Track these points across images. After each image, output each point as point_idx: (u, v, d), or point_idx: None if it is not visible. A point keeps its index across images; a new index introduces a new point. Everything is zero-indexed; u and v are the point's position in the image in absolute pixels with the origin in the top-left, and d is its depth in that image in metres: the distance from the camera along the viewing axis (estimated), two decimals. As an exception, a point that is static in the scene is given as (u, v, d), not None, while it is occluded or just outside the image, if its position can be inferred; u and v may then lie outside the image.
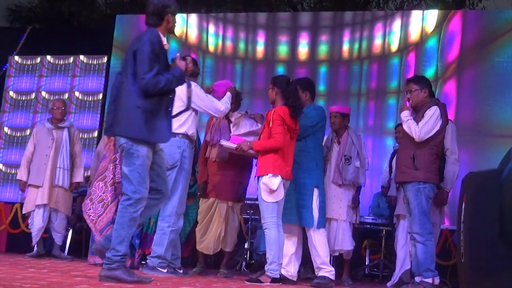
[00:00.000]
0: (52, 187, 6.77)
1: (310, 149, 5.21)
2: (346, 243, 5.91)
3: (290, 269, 5.20)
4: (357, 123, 8.88)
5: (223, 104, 5.43)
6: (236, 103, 5.93)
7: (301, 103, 5.10)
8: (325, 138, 5.81)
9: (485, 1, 14.19)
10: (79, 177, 6.92)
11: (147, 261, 5.18)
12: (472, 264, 2.74)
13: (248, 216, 7.48)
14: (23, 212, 7.00)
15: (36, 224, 6.71)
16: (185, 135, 5.21)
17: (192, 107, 5.29)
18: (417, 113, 5.03)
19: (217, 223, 5.82)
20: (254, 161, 5.95)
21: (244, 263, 7.29)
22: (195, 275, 5.50)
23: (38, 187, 6.75)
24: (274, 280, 4.81)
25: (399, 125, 6.89)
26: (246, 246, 7.36)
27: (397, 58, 9.21)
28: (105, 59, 10.13)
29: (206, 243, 5.78)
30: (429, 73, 8.74)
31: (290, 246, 5.18)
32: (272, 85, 5.13)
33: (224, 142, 5.36)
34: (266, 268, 4.85)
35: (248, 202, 7.08)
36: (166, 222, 5.14)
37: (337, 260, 6.34)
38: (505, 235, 2.65)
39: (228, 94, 5.58)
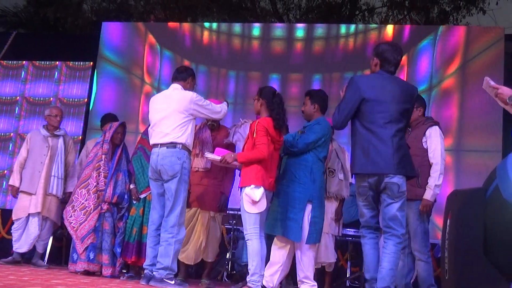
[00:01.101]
0: (46, 195, 6.70)
1: (308, 163, 5.11)
2: (328, 256, 5.93)
3: (274, 279, 5.16)
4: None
5: (221, 107, 5.51)
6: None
7: (285, 116, 5.10)
8: None
9: (468, 18, 14.41)
10: (72, 187, 6.85)
11: (155, 273, 5.10)
12: (456, 281, 2.76)
13: (230, 226, 7.47)
14: (14, 218, 6.83)
15: (32, 232, 6.64)
16: (184, 146, 5.19)
17: (193, 114, 5.30)
18: (413, 130, 5.10)
19: (198, 233, 5.81)
20: (237, 171, 5.96)
21: (225, 274, 7.27)
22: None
23: (30, 194, 6.67)
24: (255, 291, 4.80)
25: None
26: (228, 256, 7.34)
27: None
28: (90, 66, 10.09)
29: (187, 253, 5.76)
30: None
31: (280, 257, 5.15)
32: (258, 96, 5.15)
33: (208, 155, 5.34)
34: (247, 279, 4.84)
35: (230, 212, 7.08)
36: (170, 233, 5.11)
37: (319, 272, 6.34)
38: (489, 253, 2.68)
39: (225, 103, 5.67)
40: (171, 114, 5.20)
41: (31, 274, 5.27)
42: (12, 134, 9.82)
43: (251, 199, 4.82)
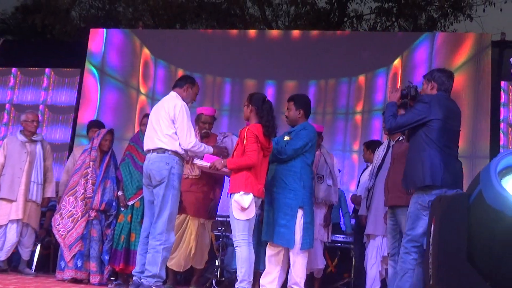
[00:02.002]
0: (26, 201, 6.64)
1: (297, 169, 5.16)
2: (317, 262, 5.94)
3: (272, 287, 5.16)
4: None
5: (195, 142, 5.18)
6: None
7: (275, 123, 5.11)
8: None
9: (456, 24, 14.52)
10: (50, 192, 6.80)
11: (143, 280, 5.05)
12: (440, 287, 2.78)
13: (219, 233, 7.45)
14: None
15: (10, 239, 6.55)
16: (174, 152, 5.14)
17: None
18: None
19: (188, 239, 5.80)
20: (226, 178, 5.96)
21: (214, 281, 7.24)
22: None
23: (11, 201, 6.60)
24: (244, 298, 4.79)
25: (368, 144, 6.99)
26: (216, 263, 7.32)
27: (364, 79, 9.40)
28: (78, 73, 10.06)
29: (177, 260, 5.75)
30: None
31: (276, 264, 5.16)
32: (248, 103, 5.15)
33: (197, 161, 5.33)
34: (236, 286, 4.84)
35: (219, 219, 7.06)
36: (157, 240, 5.03)
37: (308, 279, 6.33)
38: (472, 258, 2.70)
39: (210, 149, 5.39)
40: (161, 121, 5.17)
41: (18, 282, 5.25)
42: (0, 141, 9.77)
43: (240, 205, 4.82)
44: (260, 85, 9.60)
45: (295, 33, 10.56)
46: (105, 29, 10.45)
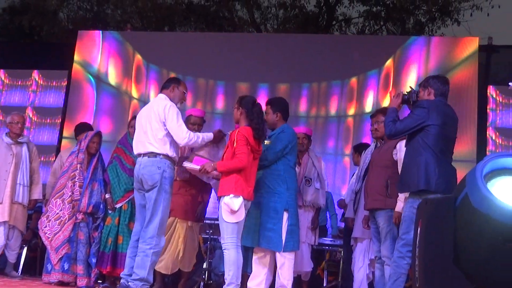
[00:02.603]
0: (12, 203, 6.59)
1: (280, 172, 5.17)
2: (304, 265, 5.95)
3: None
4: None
5: (190, 135, 5.16)
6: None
7: (264, 125, 5.11)
8: None
9: (443, 29, 14.61)
10: (37, 194, 6.76)
11: (130, 283, 5.01)
12: (426, 289, 2.80)
13: (207, 236, 7.45)
14: None
15: None
16: (166, 156, 5.10)
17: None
18: (386, 142, 5.15)
19: (176, 242, 5.78)
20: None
21: (202, 284, 7.24)
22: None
23: None
24: (232, 301, 4.79)
25: (357, 147, 7.01)
26: (204, 266, 7.31)
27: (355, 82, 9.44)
28: (65, 75, 10.02)
29: (165, 263, 5.72)
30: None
31: (263, 267, 5.17)
32: (238, 105, 5.15)
33: (187, 164, 5.28)
34: (224, 289, 4.84)
35: (207, 221, 7.06)
36: (147, 244, 4.99)
37: (295, 281, 6.34)
38: (458, 261, 2.71)
39: (209, 134, 5.40)
40: (151, 124, 5.13)
41: (4, 285, 5.22)
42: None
43: (230, 208, 4.80)
44: (253, 88, 9.62)
45: (288, 36, 10.59)
46: (100, 32, 10.43)
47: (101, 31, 10.51)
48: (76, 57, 10.01)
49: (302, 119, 9.36)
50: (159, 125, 5.11)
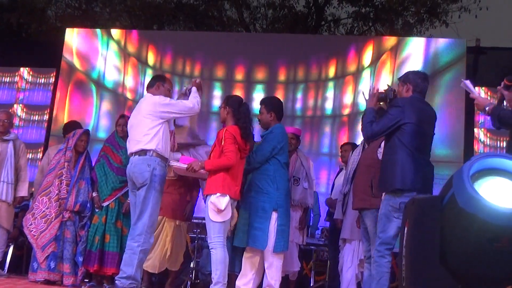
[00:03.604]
0: (-5, 201, 6.55)
1: (270, 172, 5.17)
2: (292, 264, 5.95)
3: None
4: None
5: (191, 101, 5.26)
6: None
7: (251, 125, 5.11)
8: None
9: (432, 30, 14.69)
10: (23, 191, 6.72)
11: (116, 282, 4.96)
12: (413, 288, 2.81)
13: (195, 235, 7.45)
14: None
15: None
16: (155, 153, 5.04)
17: (164, 117, 5.16)
18: (371, 142, 5.16)
19: (163, 241, 5.77)
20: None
21: (189, 283, 7.23)
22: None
23: None
24: (219, 301, 4.78)
25: (344, 145, 7.04)
26: (191, 265, 7.31)
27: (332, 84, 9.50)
28: (53, 73, 9.98)
29: (152, 262, 5.71)
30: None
31: (252, 266, 5.16)
32: (224, 104, 5.15)
33: (174, 163, 5.25)
34: (211, 288, 4.83)
35: (195, 221, 7.06)
36: (136, 241, 4.95)
37: (282, 281, 6.35)
38: (445, 261, 2.72)
39: (193, 89, 5.43)
40: (139, 121, 5.10)
41: (-11, 283, 5.18)
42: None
43: (217, 207, 4.80)
44: (206, 87, 9.68)
45: (281, 36, 10.62)
46: (89, 30, 10.39)
47: (89, 29, 10.46)
48: (64, 55, 9.96)
49: (296, 119, 9.41)
50: (146, 121, 5.06)
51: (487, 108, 3.61)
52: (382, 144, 5.01)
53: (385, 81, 9.03)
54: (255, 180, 5.17)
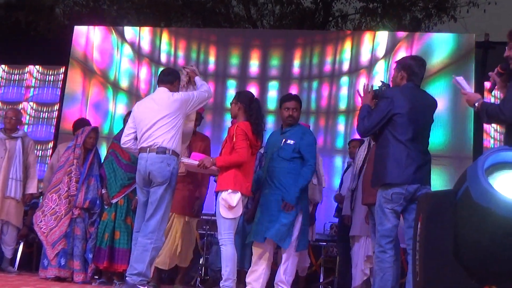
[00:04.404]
0: (4, 198, 6.55)
1: (297, 170, 5.12)
2: (302, 260, 5.94)
3: (258, 284, 5.14)
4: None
5: (204, 88, 5.31)
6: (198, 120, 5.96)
7: (263, 121, 5.09)
8: None
9: (440, 25, 14.61)
10: (32, 189, 6.74)
11: (127, 278, 4.94)
12: (427, 283, 2.79)
13: (204, 232, 7.45)
14: None
15: None
16: (173, 152, 5.00)
17: (189, 111, 5.19)
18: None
19: (173, 238, 5.77)
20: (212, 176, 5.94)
21: (198, 279, 7.24)
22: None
23: None
24: (229, 297, 4.78)
25: (352, 141, 7.03)
26: (201, 261, 7.31)
27: (347, 79, 9.46)
28: (62, 70, 10.00)
29: (162, 258, 5.71)
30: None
31: (262, 262, 5.14)
32: (236, 100, 5.13)
33: (185, 160, 5.20)
34: (221, 285, 4.81)
35: (204, 217, 7.05)
36: (148, 238, 4.91)
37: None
38: (458, 255, 2.71)
39: (197, 78, 5.44)
40: (162, 119, 4.99)
41: (1, 280, 5.20)
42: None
43: (228, 204, 4.78)
44: (221, 83, 9.70)
45: (281, 32, 10.59)
46: (97, 28, 10.39)
47: (97, 27, 10.47)
48: (72, 53, 9.98)
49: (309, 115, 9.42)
50: (170, 120, 5.00)
51: (476, 104, 3.56)
52: None
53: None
54: (280, 176, 5.13)
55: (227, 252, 4.81)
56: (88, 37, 10.16)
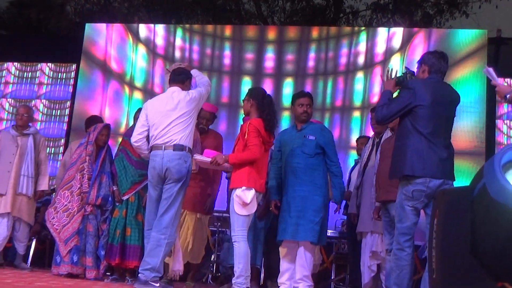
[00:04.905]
0: (16, 195, 6.58)
1: (322, 166, 5.21)
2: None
3: (289, 283, 5.17)
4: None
5: (204, 78, 5.48)
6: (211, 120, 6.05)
7: (275, 117, 5.09)
8: None
9: (452, 21, 14.55)
10: (43, 185, 6.76)
11: (139, 275, 4.94)
12: (443, 280, 2.76)
13: (215, 229, 7.45)
14: None
15: (1, 233, 6.51)
16: (189, 149, 5.08)
17: (200, 105, 5.32)
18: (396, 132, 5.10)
19: (185, 234, 5.77)
20: (223, 173, 5.94)
21: (210, 276, 7.24)
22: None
23: (1, 195, 6.55)
24: (241, 293, 4.77)
25: (360, 138, 7.00)
26: (212, 258, 7.32)
27: (362, 75, 9.42)
28: (73, 68, 10.04)
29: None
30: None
31: (291, 261, 5.18)
32: (248, 97, 5.12)
33: (197, 157, 5.19)
34: (233, 282, 4.81)
35: (215, 214, 7.06)
36: (162, 234, 4.94)
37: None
38: (475, 251, 2.68)
39: (194, 71, 5.54)
40: (180, 117, 5.05)
41: (14, 276, 5.22)
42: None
43: (242, 200, 4.78)
44: (236, 80, 9.69)
45: (293, 28, 10.57)
46: (108, 25, 10.41)
47: (108, 24, 10.49)
48: (84, 50, 10.01)
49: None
50: (185, 118, 5.06)
51: (508, 96, 3.52)
52: None
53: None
54: (308, 172, 5.16)
55: (240, 249, 4.80)
56: (99, 34, 10.18)
